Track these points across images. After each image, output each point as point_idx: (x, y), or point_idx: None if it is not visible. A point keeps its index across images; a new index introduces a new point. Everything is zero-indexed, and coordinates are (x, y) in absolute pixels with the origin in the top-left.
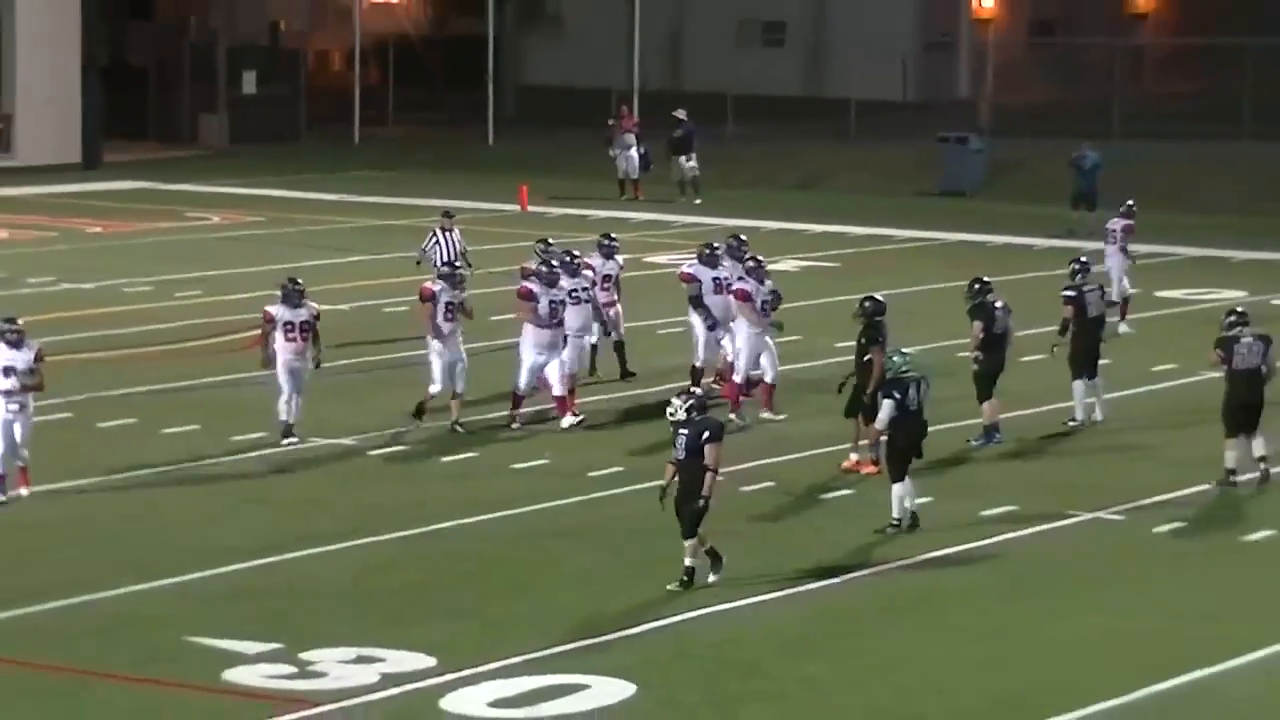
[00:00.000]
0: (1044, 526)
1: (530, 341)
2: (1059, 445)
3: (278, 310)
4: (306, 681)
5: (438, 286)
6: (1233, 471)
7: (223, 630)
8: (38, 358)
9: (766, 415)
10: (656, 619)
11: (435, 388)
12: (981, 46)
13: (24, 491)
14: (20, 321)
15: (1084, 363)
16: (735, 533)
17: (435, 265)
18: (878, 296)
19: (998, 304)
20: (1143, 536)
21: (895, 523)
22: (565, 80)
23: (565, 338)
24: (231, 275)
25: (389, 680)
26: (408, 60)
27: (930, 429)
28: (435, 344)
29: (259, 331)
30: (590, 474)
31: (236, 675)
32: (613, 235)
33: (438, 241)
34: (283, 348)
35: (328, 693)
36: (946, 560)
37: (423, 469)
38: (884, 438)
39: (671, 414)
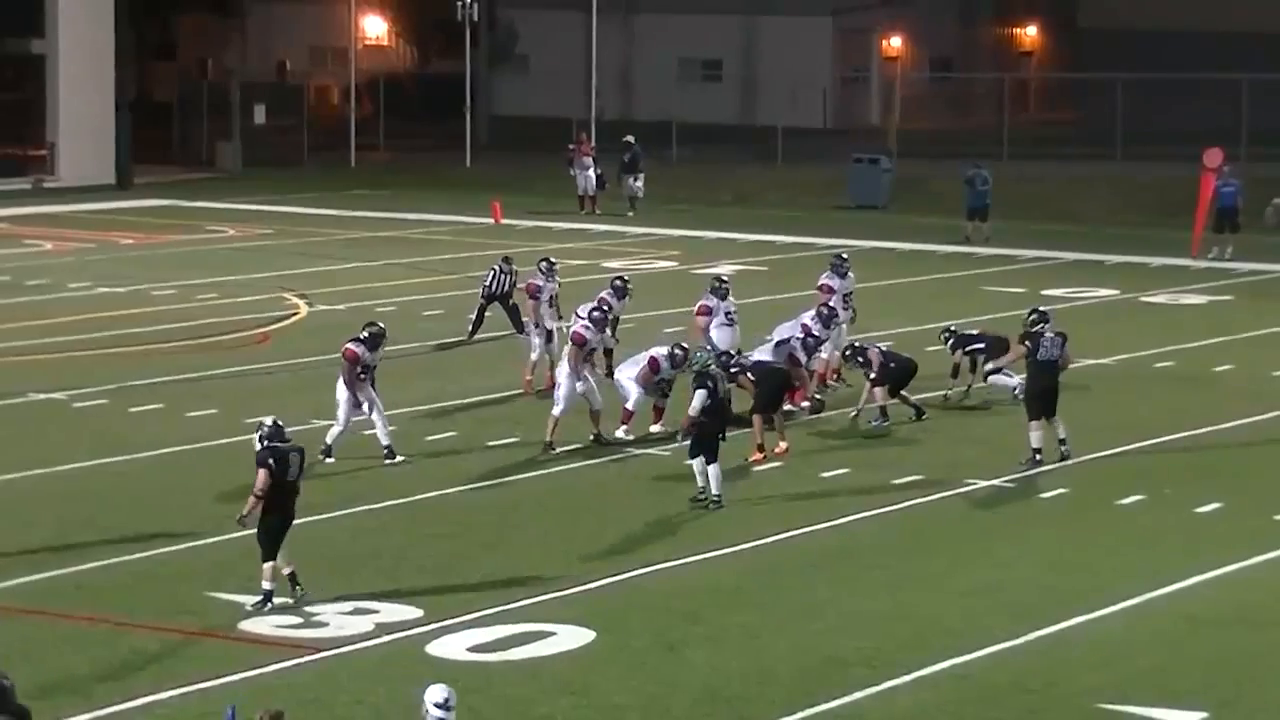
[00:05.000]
0: (946, 493)
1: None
2: (958, 424)
3: (360, 351)
4: (311, 630)
5: (360, 350)
6: (1039, 450)
7: (238, 587)
8: None
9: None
10: (612, 574)
11: (336, 428)
12: (890, 80)
13: None
14: None
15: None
16: (704, 504)
17: (481, 296)
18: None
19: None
20: (1029, 501)
21: (703, 493)
22: (532, 111)
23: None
24: (244, 280)
25: (382, 629)
26: (396, 94)
27: (835, 410)
28: (344, 395)
29: (263, 331)
30: (559, 450)
31: (251, 625)
32: (552, 259)
33: (494, 278)
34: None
35: (329, 640)
36: (861, 523)
37: (407, 446)
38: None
39: None
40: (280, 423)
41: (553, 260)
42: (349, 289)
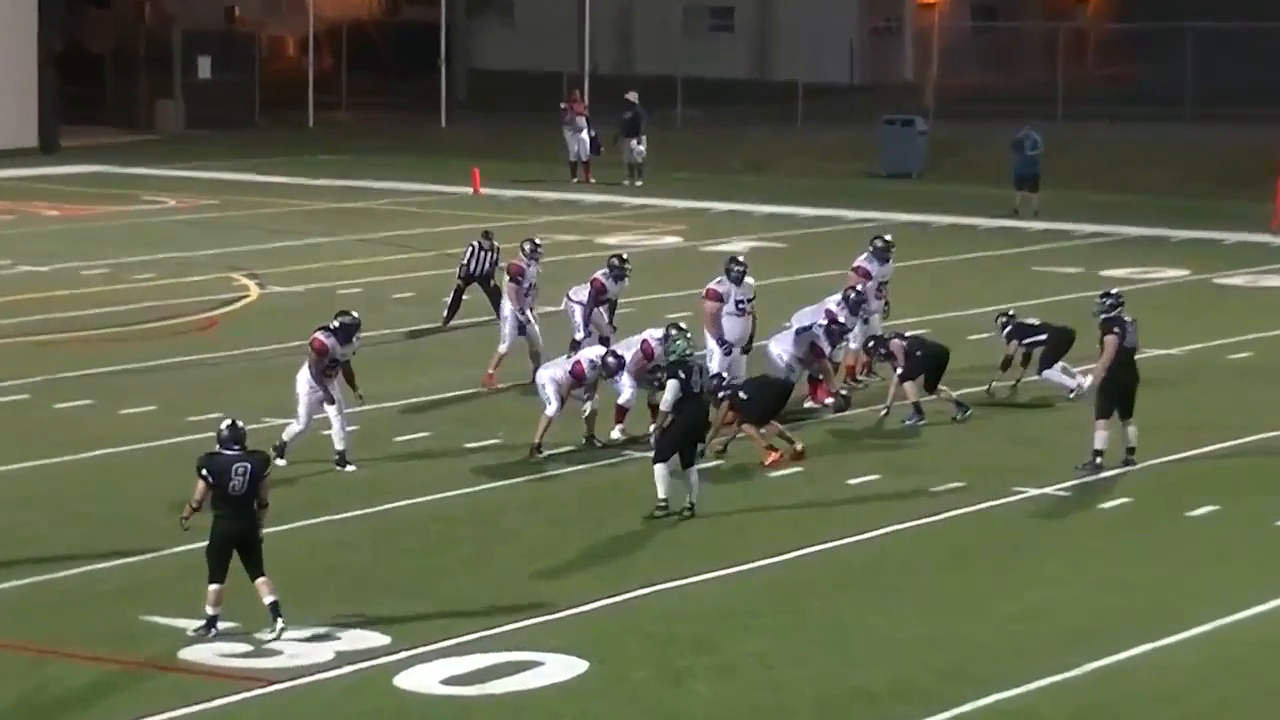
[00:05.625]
0: (991, 503)
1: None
2: (1007, 424)
3: (330, 343)
4: (262, 660)
5: (330, 342)
6: (1101, 454)
7: (181, 609)
8: None
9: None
10: (607, 596)
11: (295, 427)
12: (925, 31)
13: None
14: None
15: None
16: (683, 515)
17: (459, 277)
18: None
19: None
20: (1087, 512)
21: (663, 504)
22: (517, 65)
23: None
24: (187, 258)
25: (343, 658)
26: (361, 46)
27: (864, 408)
28: (306, 390)
29: (208, 316)
30: (544, 453)
31: (193, 654)
32: (537, 240)
33: (473, 255)
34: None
35: (283, 670)
36: (893, 536)
37: (376, 448)
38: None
39: None
40: (239, 425)
41: (538, 241)
42: (307, 268)
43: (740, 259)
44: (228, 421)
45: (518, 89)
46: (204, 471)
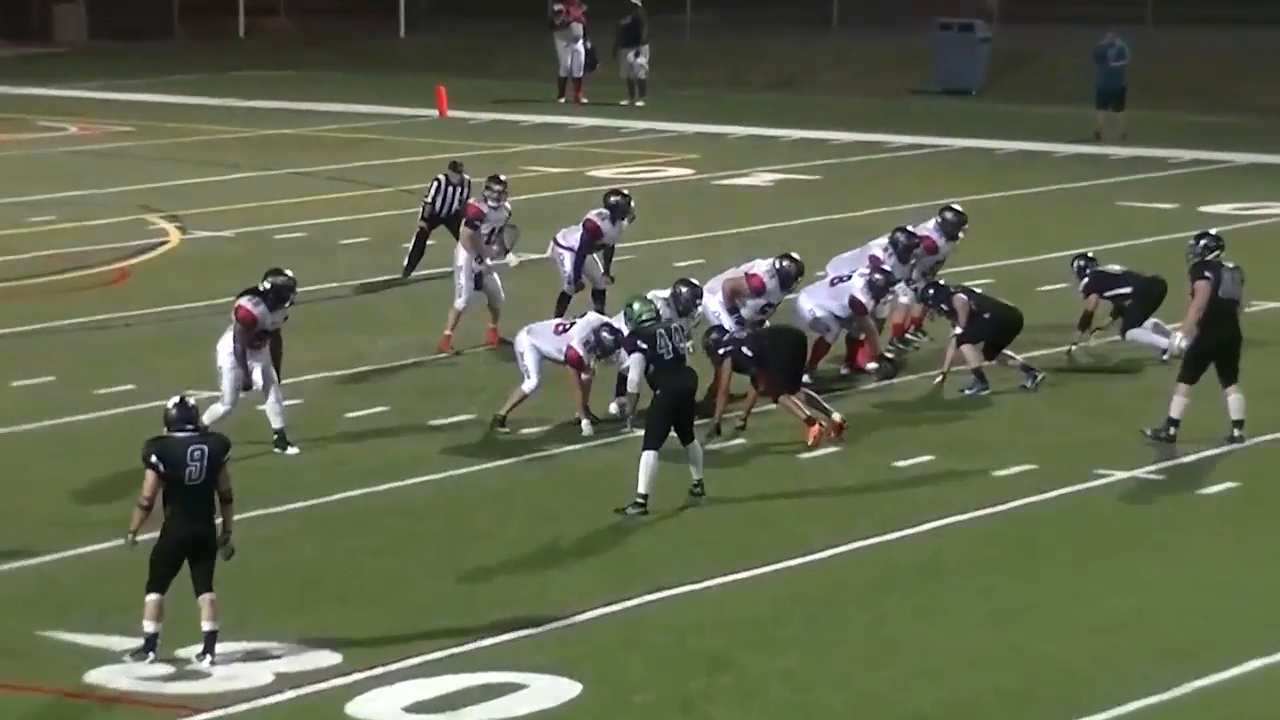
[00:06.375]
0: (1067, 489)
1: None
2: (1089, 392)
3: (259, 311)
4: (187, 684)
5: (258, 310)
6: (1176, 423)
7: (86, 623)
8: None
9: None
10: (604, 603)
11: (220, 407)
12: None
13: None
14: None
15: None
16: (695, 501)
17: (422, 217)
18: (795, 256)
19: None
20: (1184, 500)
21: (641, 499)
22: None
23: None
24: (94, 197)
25: (285, 681)
26: None
27: (918, 376)
28: (230, 363)
29: (118, 267)
30: (524, 430)
31: (102, 677)
32: (503, 178)
33: (439, 191)
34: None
35: (212, 697)
36: (949, 530)
37: (322, 425)
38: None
39: None
40: (190, 402)
41: (504, 179)
42: (238, 209)
43: (796, 258)
44: (176, 399)
45: None
46: (153, 459)
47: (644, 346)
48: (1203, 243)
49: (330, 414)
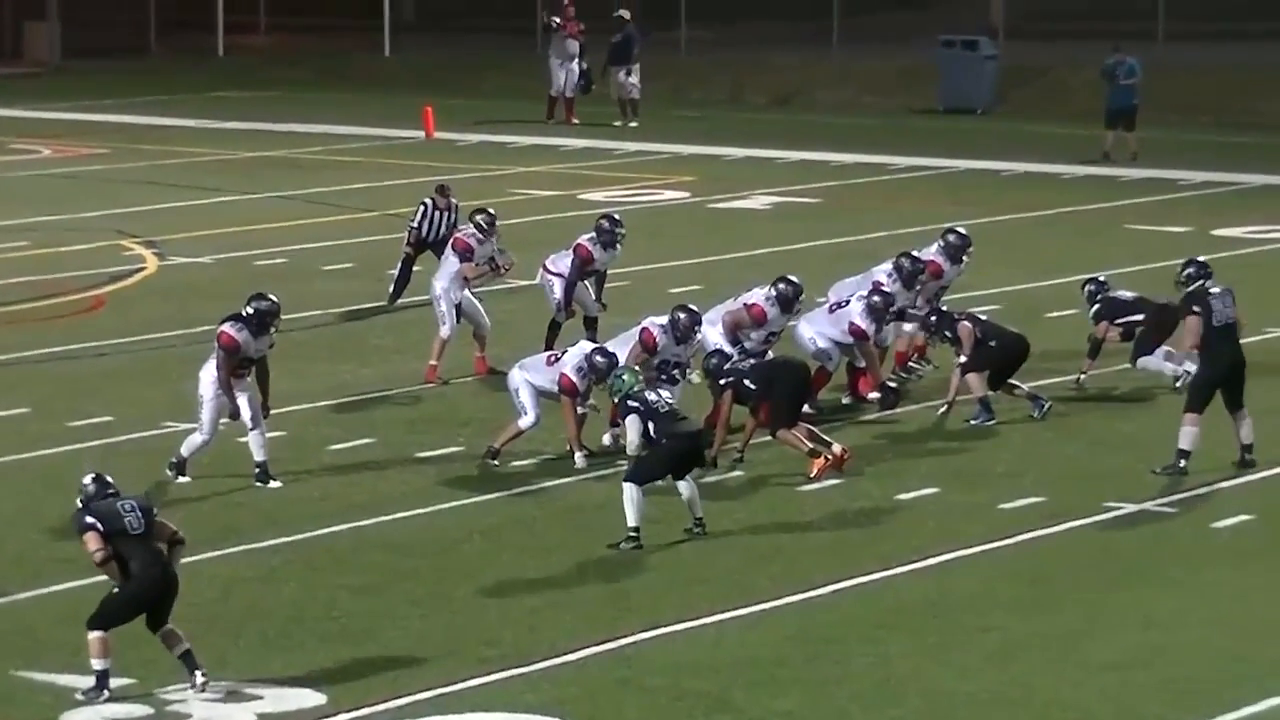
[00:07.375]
0: (1076, 522)
1: None
2: (1098, 421)
3: (242, 337)
4: None
5: (241, 336)
6: (1187, 455)
7: (63, 663)
8: None
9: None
10: (597, 642)
11: (199, 436)
12: None
13: None
14: None
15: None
16: (693, 533)
17: (407, 243)
18: (792, 278)
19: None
20: (1198, 533)
21: (634, 532)
22: None
23: None
24: (68, 221)
25: None
26: None
27: (921, 405)
28: (213, 392)
29: (94, 294)
30: (515, 463)
31: (79, 718)
32: (492, 211)
33: (425, 216)
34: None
35: None
36: (955, 565)
37: (306, 458)
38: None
39: None
40: (107, 478)
41: (493, 213)
42: (217, 234)
43: (797, 282)
44: (91, 475)
45: (478, 6)
46: (87, 520)
47: (637, 406)
48: (1187, 272)
49: (314, 446)
